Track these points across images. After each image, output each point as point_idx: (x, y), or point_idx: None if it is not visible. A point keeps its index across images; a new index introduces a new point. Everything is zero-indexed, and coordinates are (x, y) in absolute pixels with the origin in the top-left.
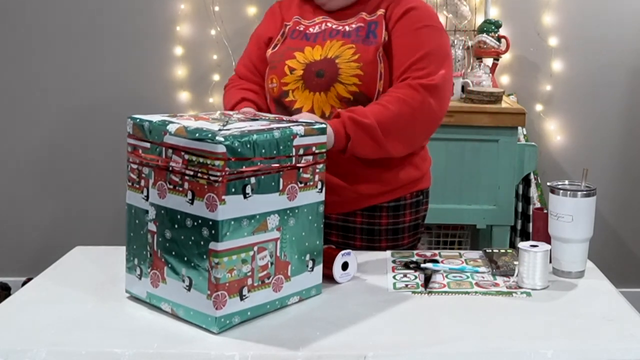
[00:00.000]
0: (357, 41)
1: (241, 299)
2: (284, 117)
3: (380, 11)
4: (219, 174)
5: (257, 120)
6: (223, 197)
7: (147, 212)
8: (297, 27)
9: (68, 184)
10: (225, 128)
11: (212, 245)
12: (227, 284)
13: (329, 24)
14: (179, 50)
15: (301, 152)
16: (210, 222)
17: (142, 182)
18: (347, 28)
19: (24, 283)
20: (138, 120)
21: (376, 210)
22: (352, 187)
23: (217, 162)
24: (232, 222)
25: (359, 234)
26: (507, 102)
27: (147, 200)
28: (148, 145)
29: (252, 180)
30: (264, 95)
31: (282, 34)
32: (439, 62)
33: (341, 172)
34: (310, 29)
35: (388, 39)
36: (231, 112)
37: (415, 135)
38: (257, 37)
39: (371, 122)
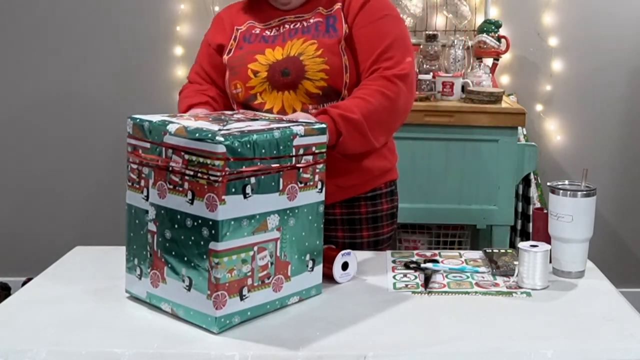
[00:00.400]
0: (318, 36)
1: (241, 299)
2: (284, 117)
3: (337, 5)
4: (219, 174)
5: (257, 120)
6: (223, 197)
7: (147, 212)
8: (253, 31)
9: (68, 184)
10: (225, 128)
11: (212, 245)
12: (227, 284)
13: (287, 25)
14: (179, 50)
15: (301, 152)
16: (210, 222)
17: (142, 182)
18: (305, 24)
19: (24, 283)
20: (138, 120)
21: (355, 201)
22: (331, 180)
23: (217, 162)
24: (232, 222)
25: (340, 225)
26: (507, 102)
27: (147, 200)
28: (148, 145)
29: (252, 180)
30: (215, 104)
31: (234, 37)
32: (404, 50)
33: None
34: (267, 32)
35: (349, 32)
36: (230, 112)
37: (395, 125)
38: (206, 44)
39: (359, 118)
